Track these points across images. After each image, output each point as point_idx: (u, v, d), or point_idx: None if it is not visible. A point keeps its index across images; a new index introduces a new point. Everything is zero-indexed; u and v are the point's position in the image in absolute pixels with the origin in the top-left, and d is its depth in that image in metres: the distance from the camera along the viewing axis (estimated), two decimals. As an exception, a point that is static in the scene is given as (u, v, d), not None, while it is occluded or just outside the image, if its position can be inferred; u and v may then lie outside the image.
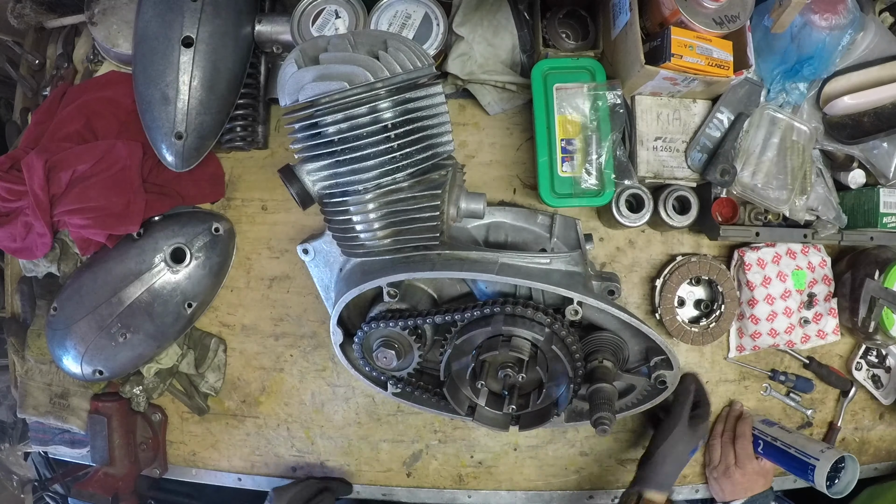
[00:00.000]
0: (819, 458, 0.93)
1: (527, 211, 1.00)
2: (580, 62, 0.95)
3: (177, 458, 1.13)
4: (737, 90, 0.94)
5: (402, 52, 0.74)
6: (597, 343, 0.86)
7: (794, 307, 1.00)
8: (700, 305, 1.05)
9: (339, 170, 0.75)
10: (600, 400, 0.79)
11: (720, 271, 1.00)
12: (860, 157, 0.96)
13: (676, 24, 0.84)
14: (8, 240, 0.99)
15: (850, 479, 0.94)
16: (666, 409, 0.99)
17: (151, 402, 1.09)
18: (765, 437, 1.01)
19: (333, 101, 0.72)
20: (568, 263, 0.87)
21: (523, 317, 0.80)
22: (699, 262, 1.00)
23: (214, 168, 1.07)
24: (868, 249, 1.02)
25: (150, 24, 0.92)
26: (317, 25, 0.96)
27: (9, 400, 1.29)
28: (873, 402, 1.10)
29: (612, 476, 1.09)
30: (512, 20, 0.99)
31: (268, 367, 1.10)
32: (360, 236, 0.80)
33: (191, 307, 1.02)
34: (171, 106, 0.91)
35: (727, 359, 1.07)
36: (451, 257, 0.84)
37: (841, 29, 0.89)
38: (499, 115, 1.05)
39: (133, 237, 1.00)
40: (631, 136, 0.96)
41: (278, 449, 1.11)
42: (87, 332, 0.98)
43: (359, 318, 0.92)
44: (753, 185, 0.95)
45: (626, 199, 0.96)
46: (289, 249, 1.07)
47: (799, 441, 0.97)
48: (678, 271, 1.01)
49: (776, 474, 1.05)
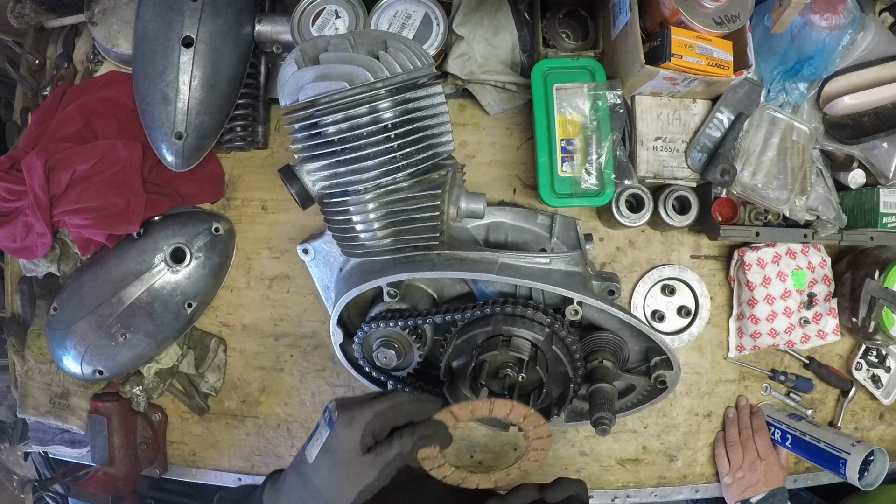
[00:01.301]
0: (850, 452, 0.94)
1: (527, 211, 1.00)
2: (580, 62, 0.95)
3: (177, 458, 1.13)
4: (737, 90, 0.94)
5: (402, 52, 0.74)
6: (597, 343, 0.86)
7: (794, 307, 1.00)
8: (682, 312, 1.06)
9: (339, 170, 0.75)
10: (600, 400, 0.79)
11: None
12: (860, 157, 0.96)
13: (676, 24, 0.84)
14: (8, 240, 0.99)
15: (879, 471, 0.96)
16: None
17: (151, 402, 1.09)
18: (794, 431, 1.01)
19: (333, 101, 0.72)
20: (568, 263, 0.87)
21: (523, 317, 0.80)
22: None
23: (214, 168, 1.07)
24: (868, 249, 1.02)
25: (150, 24, 0.92)
26: (317, 25, 0.96)
27: (9, 400, 1.29)
28: (873, 402, 1.10)
29: (612, 476, 1.09)
30: (512, 20, 0.99)
31: (268, 367, 1.10)
32: (360, 236, 0.80)
33: (191, 307, 1.02)
34: (171, 106, 0.91)
35: (727, 359, 1.07)
36: (451, 257, 0.84)
37: (841, 29, 0.89)
38: (499, 115, 1.05)
39: (133, 237, 1.00)
40: (631, 136, 0.96)
41: (278, 449, 1.11)
42: (87, 332, 0.98)
43: (359, 318, 0.92)
44: (753, 185, 0.95)
45: (626, 199, 0.96)
46: (289, 249, 1.07)
47: (828, 436, 0.98)
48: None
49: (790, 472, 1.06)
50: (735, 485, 1.03)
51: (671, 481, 1.09)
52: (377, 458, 0.64)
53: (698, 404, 1.08)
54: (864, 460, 0.94)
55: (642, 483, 1.09)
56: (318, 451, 0.65)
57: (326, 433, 0.65)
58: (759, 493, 1.00)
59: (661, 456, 1.08)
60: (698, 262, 1.06)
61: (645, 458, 1.09)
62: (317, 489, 0.64)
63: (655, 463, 1.09)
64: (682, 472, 1.09)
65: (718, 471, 1.07)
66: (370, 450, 0.65)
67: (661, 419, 1.08)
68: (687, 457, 1.09)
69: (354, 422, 0.64)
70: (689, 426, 1.08)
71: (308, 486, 0.65)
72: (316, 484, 0.64)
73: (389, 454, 0.65)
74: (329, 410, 0.67)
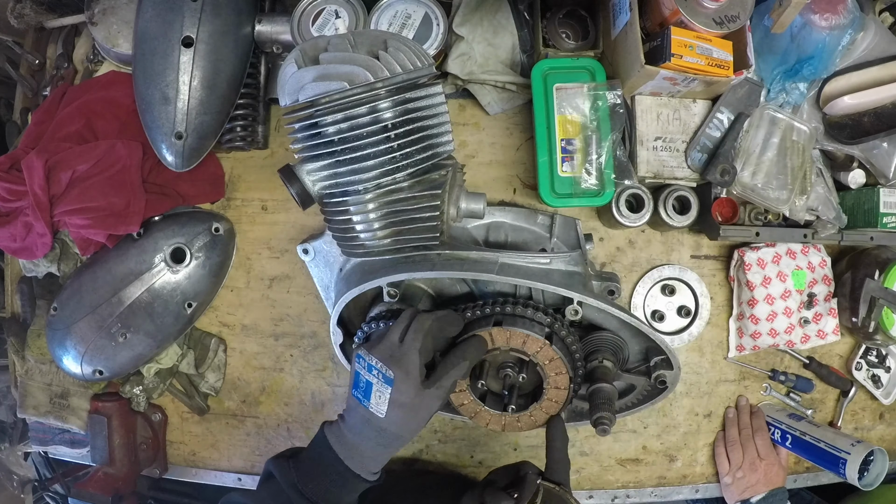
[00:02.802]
0: (850, 452, 0.94)
1: (527, 211, 1.00)
2: (580, 62, 0.95)
3: (177, 458, 1.13)
4: (737, 90, 0.94)
5: (402, 52, 0.74)
6: (597, 343, 0.86)
7: (794, 307, 1.00)
8: (682, 312, 1.06)
9: (339, 170, 0.75)
10: (600, 400, 0.79)
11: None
12: (860, 157, 0.96)
13: (676, 24, 0.84)
14: (8, 240, 0.99)
15: (879, 471, 0.96)
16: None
17: (151, 402, 1.09)
18: (794, 431, 1.01)
19: (333, 101, 0.72)
20: (568, 263, 0.87)
21: (523, 317, 0.80)
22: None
23: (214, 168, 1.07)
24: (868, 249, 1.02)
25: (150, 24, 0.92)
26: (317, 25, 0.96)
27: (9, 400, 1.29)
28: (873, 402, 1.10)
29: (612, 476, 1.09)
30: (512, 20, 0.99)
31: (268, 367, 1.10)
32: (360, 236, 0.80)
33: (191, 307, 1.02)
34: (171, 106, 0.91)
35: (727, 359, 1.07)
36: (451, 257, 0.84)
37: (841, 29, 0.89)
38: (499, 115, 1.05)
39: (133, 237, 1.00)
40: (631, 136, 0.96)
41: (278, 449, 1.10)
42: (87, 332, 0.98)
43: (359, 318, 0.92)
44: (753, 185, 0.95)
45: (626, 199, 0.96)
46: (289, 249, 1.07)
47: (828, 436, 0.98)
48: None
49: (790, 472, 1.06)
50: (735, 485, 1.03)
51: (671, 481, 1.09)
52: (439, 390, 0.71)
53: (698, 404, 1.08)
54: (864, 460, 0.94)
55: (642, 483, 1.09)
56: (386, 406, 0.69)
57: (388, 390, 0.69)
58: (759, 493, 1.00)
59: (661, 456, 1.08)
60: (698, 262, 1.06)
61: (645, 458, 1.09)
62: (394, 434, 0.70)
63: (655, 463, 1.09)
64: (682, 472, 1.09)
65: (718, 471, 1.07)
66: (428, 380, 0.70)
67: (661, 419, 1.08)
68: (687, 457, 1.09)
69: (410, 372, 0.69)
70: (689, 426, 1.08)
71: (384, 434, 0.70)
72: (393, 431, 0.70)
73: (449, 383, 0.72)
74: (373, 365, 0.70)
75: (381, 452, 0.72)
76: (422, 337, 0.71)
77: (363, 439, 0.71)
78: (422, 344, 0.70)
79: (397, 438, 0.71)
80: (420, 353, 0.70)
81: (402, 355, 0.70)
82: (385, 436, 0.70)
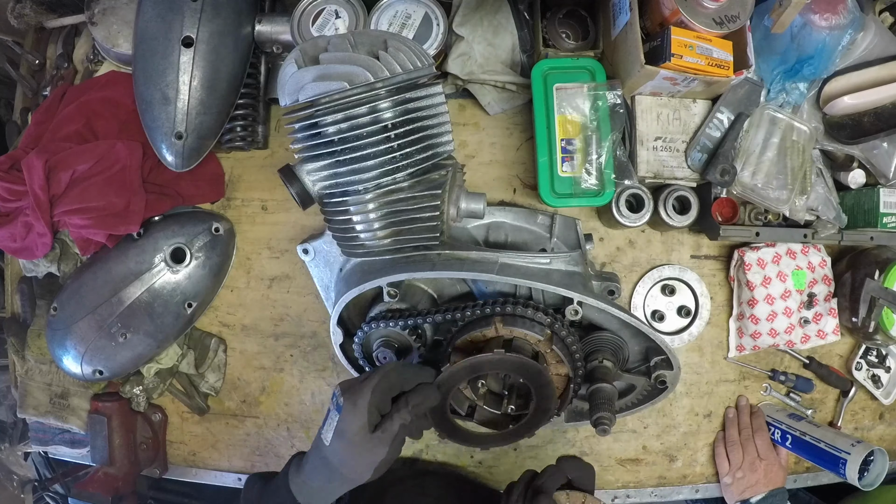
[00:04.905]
0: (850, 453, 0.94)
1: (527, 211, 0.99)
2: (580, 62, 0.95)
3: (177, 458, 1.13)
4: (737, 90, 0.94)
5: (402, 52, 0.74)
6: (597, 343, 0.86)
7: (794, 307, 1.00)
8: (682, 312, 1.06)
9: (339, 170, 0.75)
10: (600, 400, 0.79)
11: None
12: (860, 157, 0.96)
13: (676, 24, 0.84)
14: (8, 240, 0.99)
15: (879, 471, 0.96)
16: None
17: (151, 402, 1.09)
18: (794, 431, 1.01)
19: (333, 101, 0.72)
20: (568, 263, 0.87)
21: (523, 317, 0.80)
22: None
23: (214, 168, 1.07)
24: (868, 249, 1.02)
25: (150, 24, 0.92)
26: (317, 25, 0.96)
27: (9, 400, 1.29)
28: (873, 402, 1.10)
29: (612, 476, 1.09)
30: (512, 20, 0.99)
31: (268, 367, 1.10)
32: (360, 236, 0.80)
33: (191, 307, 1.02)
34: (171, 106, 0.91)
35: (727, 359, 1.07)
36: (451, 257, 0.84)
37: (841, 29, 0.89)
38: (499, 115, 1.05)
39: (133, 237, 1.00)
40: (631, 136, 0.96)
41: (278, 449, 1.11)
42: (87, 332, 0.98)
43: (359, 318, 0.92)
44: (753, 185, 0.95)
45: (626, 199, 0.96)
46: (289, 249, 1.07)
47: (828, 436, 0.98)
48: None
49: (790, 472, 1.06)
50: (735, 485, 1.03)
51: (671, 481, 1.09)
52: (384, 434, 0.69)
53: (698, 404, 1.08)
54: (864, 460, 0.94)
55: (642, 483, 1.09)
56: (331, 434, 0.70)
57: (336, 418, 0.70)
58: (758, 493, 1.00)
59: (661, 456, 1.08)
60: (698, 262, 1.06)
61: (645, 458, 1.09)
62: (336, 469, 0.70)
63: (655, 463, 1.09)
64: (682, 472, 1.09)
65: (718, 471, 1.07)
66: (377, 426, 0.69)
67: (661, 419, 1.08)
68: (687, 457, 1.09)
69: (358, 404, 0.69)
70: (689, 426, 1.08)
71: (328, 466, 0.70)
72: (335, 464, 0.70)
73: (393, 428, 0.70)
74: (336, 395, 0.72)
75: (325, 487, 0.71)
76: (378, 377, 0.70)
77: (312, 470, 0.72)
78: (377, 383, 0.70)
79: (338, 473, 0.70)
80: (374, 391, 0.69)
81: (358, 389, 0.70)
82: (328, 467, 0.70)
